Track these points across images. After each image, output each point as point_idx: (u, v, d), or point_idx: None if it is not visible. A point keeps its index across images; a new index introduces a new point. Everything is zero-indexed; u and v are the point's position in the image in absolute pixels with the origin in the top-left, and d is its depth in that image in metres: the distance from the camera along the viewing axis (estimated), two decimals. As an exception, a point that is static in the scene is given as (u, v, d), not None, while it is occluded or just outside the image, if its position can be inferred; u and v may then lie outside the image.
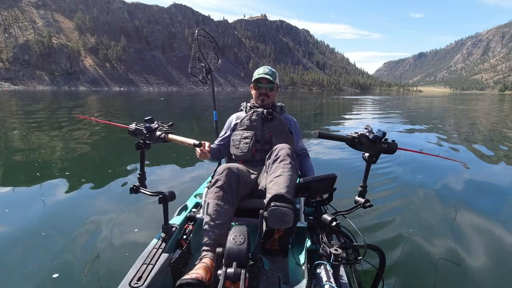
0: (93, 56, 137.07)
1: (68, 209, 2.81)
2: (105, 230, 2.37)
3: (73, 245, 2.15)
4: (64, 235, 2.30)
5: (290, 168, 1.37)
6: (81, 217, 2.57)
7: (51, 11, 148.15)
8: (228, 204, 1.37)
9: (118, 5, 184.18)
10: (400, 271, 1.92)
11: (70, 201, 3.00)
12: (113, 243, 2.20)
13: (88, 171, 4.10)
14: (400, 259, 2.05)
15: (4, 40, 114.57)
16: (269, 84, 1.84)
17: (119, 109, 16.56)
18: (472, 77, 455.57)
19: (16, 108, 15.58)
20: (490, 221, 2.69)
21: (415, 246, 2.23)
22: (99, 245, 2.15)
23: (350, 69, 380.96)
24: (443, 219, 2.73)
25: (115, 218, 2.58)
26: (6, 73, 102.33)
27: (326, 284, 1.01)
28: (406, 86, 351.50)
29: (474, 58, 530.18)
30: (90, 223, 2.47)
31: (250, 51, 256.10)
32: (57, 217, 2.59)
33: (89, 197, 3.11)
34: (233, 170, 1.45)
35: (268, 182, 1.36)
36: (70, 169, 4.15)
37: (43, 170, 4.10)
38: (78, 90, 76.08)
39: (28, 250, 2.10)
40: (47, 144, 5.91)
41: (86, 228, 2.39)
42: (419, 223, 2.64)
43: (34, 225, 2.42)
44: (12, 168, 4.25)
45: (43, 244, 2.18)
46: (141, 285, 1.08)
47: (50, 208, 2.81)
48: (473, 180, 3.95)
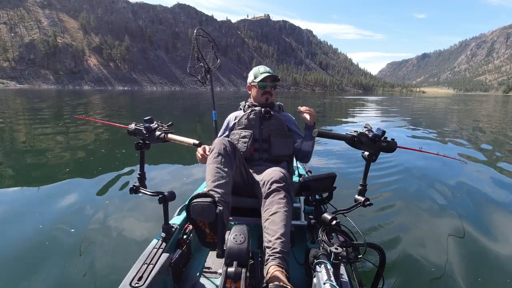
0: (97, 56, 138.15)
1: (68, 208, 2.79)
2: (105, 230, 2.37)
3: (73, 245, 2.13)
4: (64, 235, 2.28)
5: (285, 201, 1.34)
6: (81, 217, 2.59)
7: (56, 11, 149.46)
8: (227, 167, 1.38)
9: (122, 5, 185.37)
10: (401, 270, 1.92)
11: (69, 201, 2.97)
12: (113, 243, 2.19)
13: (88, 171, 4.10)
14: (400, 258, 2.05)
15: (10, 39, 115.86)
16: (273, 82, 1.84)
17: (123, 108, 16.77)
18: (476, 78, 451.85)
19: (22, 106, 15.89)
20: (490, 220, 2.71)
21: (415, 245, 2.23)
22: (99, 245, 2.14)
23: (353, 70, 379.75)
24: (443, 218, 2.74)
25: (115, 218, 2.58)
26: (12, 72, 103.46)
27: (327, 283, 1.02)
28: (409, 87, 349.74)
29: (478, 59, 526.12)
30: (90, 223, 2.47)
31: (253, 51, 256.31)
32: (56, 217, 2.59)
33: (89, 197, 3.08)
34: (229, 141, 1.49)
35: (264, 220, 1.34)
36: (70, 169, 4.16)
37: (42, 170, 4.14)
38: (82, 89, 76.84)
39: (27, 250, 2.08)
40: (47, 143, 5.96)
41: (86, 228, 2.38)
42: (419, 222, 2.65)
43: (34, 225, 2.42)
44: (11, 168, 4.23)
45: (43, 244, 2.16)
46: (141, 285, 1.09)
47: (50, 208, 2.79)
48: (473, 178, 3.94)
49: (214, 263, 1.53)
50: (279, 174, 1.40)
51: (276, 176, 1.40)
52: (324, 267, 1.11)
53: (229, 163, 1.41)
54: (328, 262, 1.12)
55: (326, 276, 1.06)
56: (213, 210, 1.03)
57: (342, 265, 1.15)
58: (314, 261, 1.16)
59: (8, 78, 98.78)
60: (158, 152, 4.88)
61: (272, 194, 1.37)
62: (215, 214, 1.03)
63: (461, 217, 2.70)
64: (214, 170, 1.36)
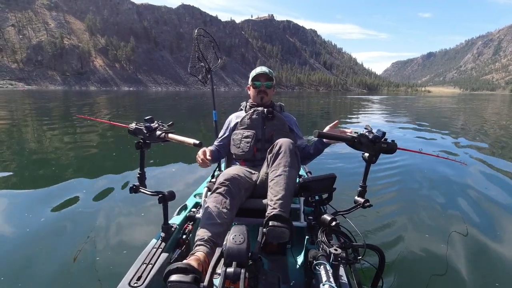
0: (103, 57, 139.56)
1: (67, 208, 2.80)
2: (104, 229, 2.38)
3: (72, 245, 2.13)
4: (63, 235, 2.30)
5: (290, 164, 1.37)
6: (80, 217, 2.60)
7: (63, 13, 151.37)
8: (227, 209, 1.35)
9: (128, 6, 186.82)
10: (400, 271, 1.92)
11: (69, 200, 2.98)
12: (112, 243, 2.19)
13: (88, 171, 4.10)
14: (399, 259, 2.05)
15: (18, 41, 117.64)
16: (267, 82, 1.85)
17: (128, 108, 16.96)
18: (483, 77, 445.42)
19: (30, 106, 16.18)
20: (490, 221, 2.72)
21: (415, 246, 2.24)
22: (98, 245, 2.14)
23: (358, 69, 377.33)
24: (442, 219, 2.75)
25: (115, 218, 2.59)
26: (20, 73, 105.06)
27: (326, 284, 1.02)
28: (414, 86, 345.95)
29: (485, 58, 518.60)
30: (89, 223, 2.48)
31: (257, 51, 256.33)
32: (56, 217, 2.60)
33: (88, 197, 3.09)
34: (234, 178, 1.44)
35: (269, 180, 1.37)
36: (70, 168, 4.17)
37: (42, 169, 4.16)
38: (88, 90, 77.62)
39: (27, 250, 2.08)
40: (47, 143, 5.97)
41: (85, 228, 2.38)
42: (419, 223, 2.66)
43: (33, 225, 2.42)
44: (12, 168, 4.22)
45: (42, 244, 2.16)
46: (140, 284, 1.08)
47: (49, 208, 2.79)
48: (473, 179, 3.94)
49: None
50: (290, 141, 1.45)
51: (287, 142, 1.44)
52: (324, 268, 1.11)
53: (230, 205, 1.37)
54: (328, 263, 1.12)
55: (325, 277, 1.06)
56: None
57: (341, 266, 1.14)
58: (314, 262, 1.16)
59: (16, 79, 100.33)
60: (158, 152, 4.91)
61: (279, 156, 1.40)
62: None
63: (460, 219, 2.72)
64: (212, 209, 1.32)
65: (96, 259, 1.97)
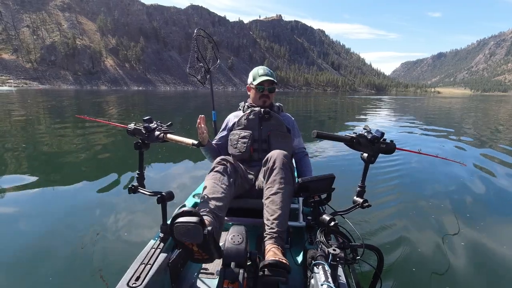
0: (114, 57, 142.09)
1: (66, 208, 2.81)
2: (103, 230, 2.39)
3: (71, 245, 2.15)
4: (62, 235, 2.32)
5: (285, 181, 1.38)
6: (79, 217, 2.62)
7: (75, 14, 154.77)
8: (225, 185, 1.37)
9: (138, 7, 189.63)
10: (398, 271, 1.92)
11: (68, 201, 2.99)
12: (111, 243, 2.21)
13: (88, 171, 4.11)
14: (398, 259, 2.06)
15: (33, 41, 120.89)
16: (271, 86, 1.84)
17: (137, 107, 17.39)
18: (495, 78, 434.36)
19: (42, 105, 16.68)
20: (489, 222, 2.74)
21: (413, 246, 2.25)
22: (97, 245, 2.16)
23: (366, 70, 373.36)
24: (441, 220, 2.75)
25: (114, 218, 2.60)
26: (34, 73, 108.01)
27: (324, 284, 1.02)
28: (423, 87, 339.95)
29: (497, 58, 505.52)
30: (88, 223, 2.49)
31: (265, 52, 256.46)
32: (55, 217, 2.62)
33: (87, 197, 3.10)
34: (230, 161, 1.51)
35: (265, 197, 1.38)
36: (69, 168, 4.20)
37: (42, 169, 4.17)
38: (99, 89, 79.09)
39: (26, 250, 2.10)
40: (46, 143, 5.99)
41: (84, 228, 2.40)
42: (417, 224, 2.67)
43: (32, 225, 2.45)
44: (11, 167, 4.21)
45: (41, 244, 2.18)
46: (139, 285, 1.08)
47: (49, 207, 2.81)
48: (472, 180, 3.95)
49: (212, 264, 1.52)
50: (282, 154, 1.44)
51: (279, 156, 1.43)
52: (322, 269, 1.11)
53: (229, 182, 1.40)
54: (326, 264, 1.12)
55: (323, 277, 1.06)
56: (200, 231, 0.96)
57: (340, 266, 1.14)
58: (312, 262, 1.16)
59: (30, 78, 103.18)
60: (157, 152, 4.94)
61: (274, 172, 1.40)
62: (203, 236, 0.96)
63: (459, 219, 2.74)
64: (212, 185, 1.37)
65: (95, 259, 1.97)
